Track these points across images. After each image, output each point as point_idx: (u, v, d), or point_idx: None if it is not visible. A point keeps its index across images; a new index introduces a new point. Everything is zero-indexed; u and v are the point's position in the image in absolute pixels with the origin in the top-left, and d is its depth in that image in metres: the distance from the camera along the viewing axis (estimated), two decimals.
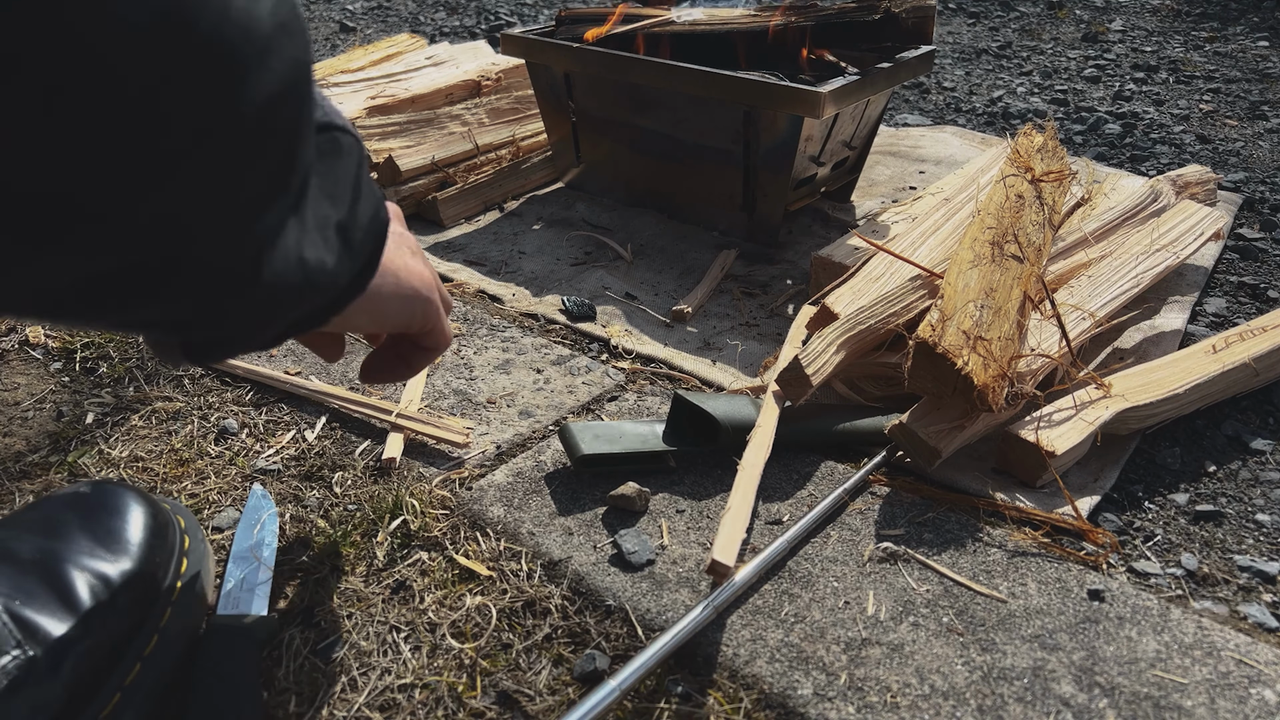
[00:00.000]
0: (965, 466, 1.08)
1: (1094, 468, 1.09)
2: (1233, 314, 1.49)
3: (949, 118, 2.54)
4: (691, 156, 1.68)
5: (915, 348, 1.02)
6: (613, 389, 1.23)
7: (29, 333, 1.33)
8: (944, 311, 1.06)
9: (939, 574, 0.91)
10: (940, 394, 1.03)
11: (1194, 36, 3.47)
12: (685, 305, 1.44)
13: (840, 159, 1.76)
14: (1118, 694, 0.78)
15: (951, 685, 0.79)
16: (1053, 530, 0.99)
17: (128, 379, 1.23)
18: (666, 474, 1.05)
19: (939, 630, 0.85)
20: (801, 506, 1.00)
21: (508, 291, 1.52)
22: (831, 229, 1.75)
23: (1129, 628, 0.85)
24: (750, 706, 0.77)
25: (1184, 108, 2.62)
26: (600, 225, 1.77)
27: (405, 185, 1.75)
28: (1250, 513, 1.06)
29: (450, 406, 1.18)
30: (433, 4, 3.94)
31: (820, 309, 1.25)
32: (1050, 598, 0.88)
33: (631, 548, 0.93)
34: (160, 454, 1.09)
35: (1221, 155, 2.23)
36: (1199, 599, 0.93)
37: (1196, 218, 1.48)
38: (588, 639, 0.84)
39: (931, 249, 1.37)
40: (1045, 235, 1.27)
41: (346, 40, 3.27)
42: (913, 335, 1.04)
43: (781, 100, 1.46)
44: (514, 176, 1.89)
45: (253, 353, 0.73)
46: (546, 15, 3.80)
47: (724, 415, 1.05)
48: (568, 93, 1.78)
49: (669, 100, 1.64)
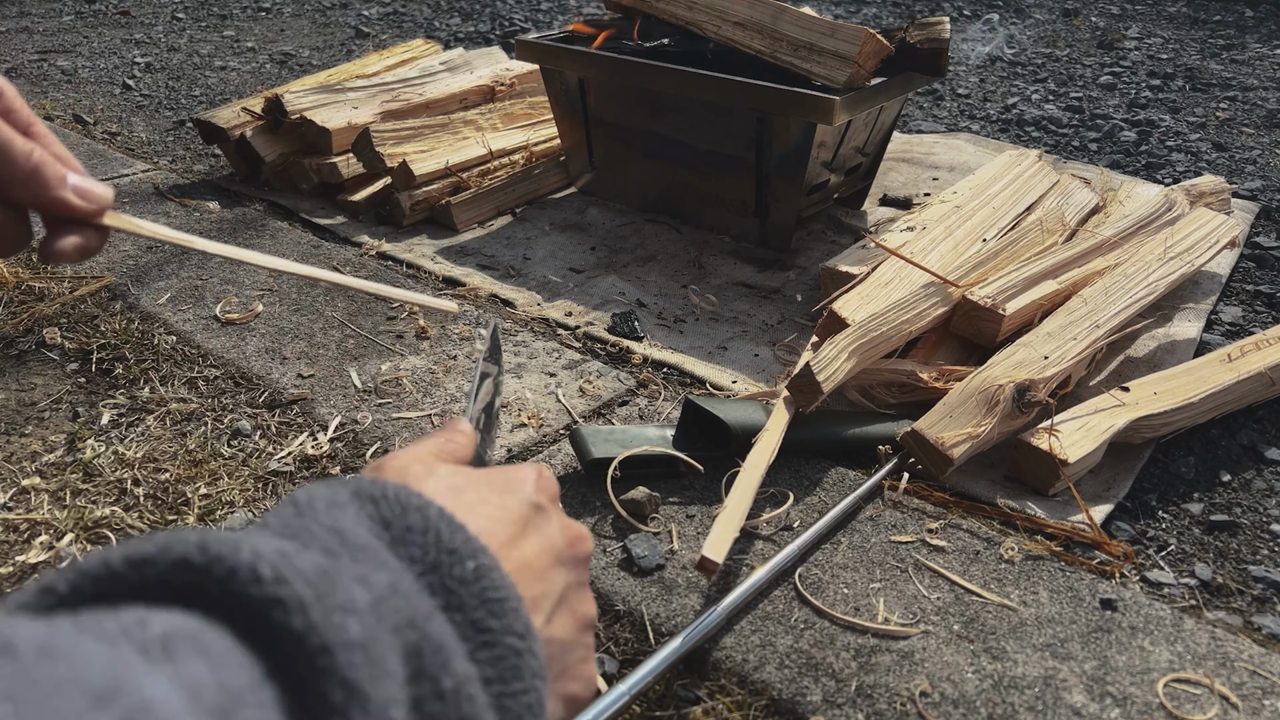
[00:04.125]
0: (977, 474, 1.08)
1: (1106, 476, 1.09)
2: (1249, 323, 1.48)
3: (963, 125, 2.54)
4: (704, 162, 1.68)
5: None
6: (624, 393, 1.23)
7: (46, 334, 1.34)
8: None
9: (950, 581, 0.91)
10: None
11: (1211, 44, 3.45)
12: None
13: (853, 165, 1.76)
14: (1130, 704, 0.78)
15: (962, 693, 0.78)
16: (1065, 539, 0.98)
17: (143, 380, 1.24)
18: (677, 478, 1.05)
19: (949, 638, 0.84)
20: (812, 513, 1.00)
21: (520, 296, 1.52)
22: (844, 235, 1.75)
23: (1141, 638, 0.85)
24: (759, 713, 0.77)
25: (1200, 115, 2.60)
26: (612, 230, 1.77)
27: (419, 189, 1.76)
28: (1265, 523, 1.05)
29: (463, 409, 1.18)
30: (448, 9, 3.96)
31: (829, 314, 1.25)
32: (1062, 606, 0.88)
33: (641, 552, 0.93)
34: (174, 455, 1.09)
35: (1238, 163, 2.22)
36: (1212, 609, 0.92)
37: (1211, 225, 1.47)
38: (597, 643, 0.84)
39: (943, 255, 1.37)
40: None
41: (362, 45, 3.29)
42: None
43: (795, 106, 1.46)
44: (527, 181, 1.89)
45: None
46: (561, 22, 3.82)
47: (735, 420, 1.05)
48: (581, 98, 1.78)
49: (682, 106, 1.64)
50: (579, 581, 0.44)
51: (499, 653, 0.33)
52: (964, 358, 1.25)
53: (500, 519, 0.40)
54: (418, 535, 0.34)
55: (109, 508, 1.01)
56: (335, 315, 1.41)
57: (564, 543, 0.43)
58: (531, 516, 0.42)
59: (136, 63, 2.97)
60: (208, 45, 3.26)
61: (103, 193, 0.51)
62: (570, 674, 0.41)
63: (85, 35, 3.35)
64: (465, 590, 0.33)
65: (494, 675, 0.33)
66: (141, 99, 2.60)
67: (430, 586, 0.33)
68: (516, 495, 0.42)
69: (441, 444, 0.45)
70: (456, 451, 0.46)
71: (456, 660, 0.31)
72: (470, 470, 0.43)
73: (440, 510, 0.35)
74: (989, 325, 1.21)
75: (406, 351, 1.32)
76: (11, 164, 0.47)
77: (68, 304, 1.43)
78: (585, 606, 0.43)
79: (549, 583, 0.41)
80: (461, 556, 0.34)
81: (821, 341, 1.21)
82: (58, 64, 2.93)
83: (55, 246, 0.50)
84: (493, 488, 0.42)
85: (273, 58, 3.11)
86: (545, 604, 0.40)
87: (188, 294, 1.47)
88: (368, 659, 0.27)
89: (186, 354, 1.30)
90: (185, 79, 2.82)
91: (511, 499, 0.42)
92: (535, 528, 0.42)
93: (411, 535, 0.34)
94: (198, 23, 3.62)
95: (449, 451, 0.45)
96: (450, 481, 0.41)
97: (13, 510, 1.01)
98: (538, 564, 0.40)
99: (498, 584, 0.34)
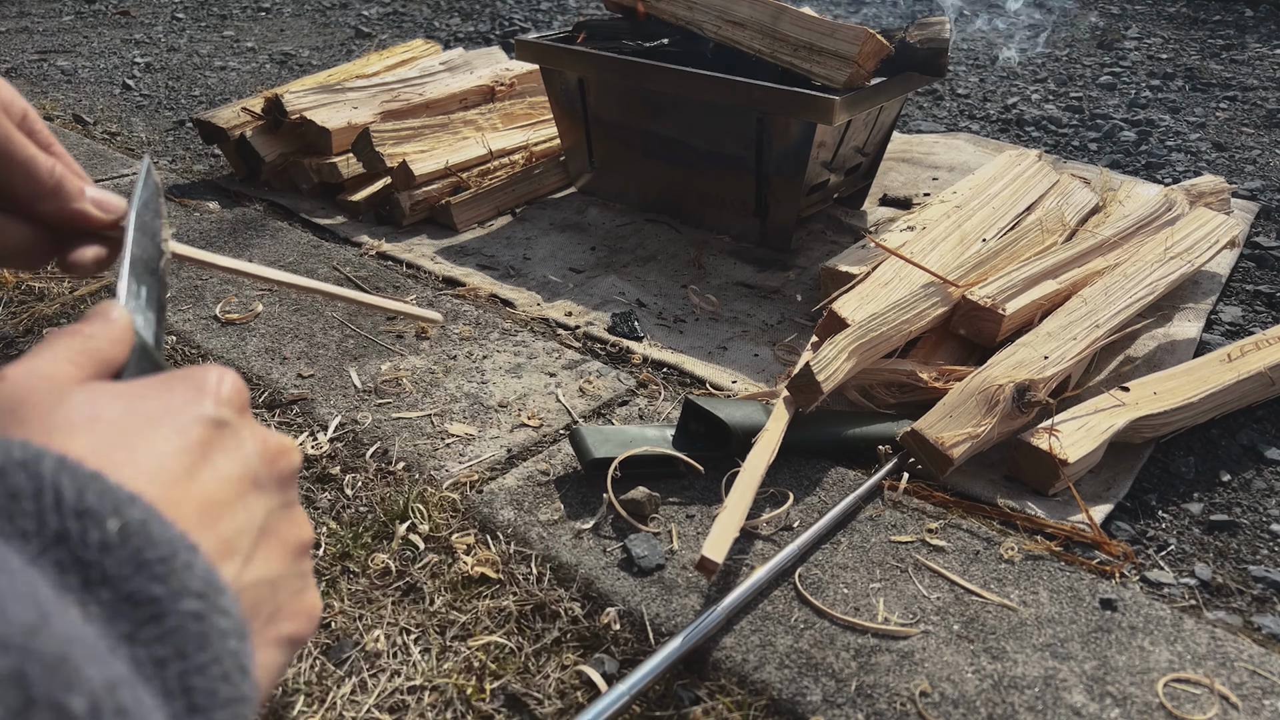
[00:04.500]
0: (977, 474, 1.08)
1: (1106, 476, 1.09)
2: (1249, 322, 1.48)
3: (963, 124, 2.54)
4: (704, 162, 1.68)
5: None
6: (623, 393, 1.24)
7: (46, 334, 1.34)
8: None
9: (950, 581, 0.91)
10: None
11: (1210, 44, 3.45)
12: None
13: (853, 165, 1.76)
14: (1130, 704, 0.78)
15: (962, 693, 0.78)
16: (1065, 539, 0.98)
17: None
18: (676, 478, 1.05)
19: (949, 638, 0.84)
20: (812, 513, 1.00)
21: (520, 296, 1.52)
22: (844, 234, 1.75)
23: (1141, 637, 0.85)
24: (759, 713, 0.77)
25: (1200, 115, 2.60)
26: (612, 230, 1.77)
27: (419, 189, 1.76)
28: (1265, 523, 1.05)
29: (462, 410, 1.18)
30: (448, 9, 3.96)
31: (828, 314, 1.25)
32: (1062, 606, 0.88)
33: (641, 552, 0.93)
34: None
35: (1238, 163, 2.22)
36: (1212, 609, 0.92)
37: (1211, 225, 1.47)
38: (597, 643, 0.84)
39: (943, 254, 1.37)
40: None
41: (362, 45, 3.29)
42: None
43: (795, 106, 1.46)
44: (527, 181, 1.89)
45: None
46: (560, 22, 3.82)
47: (735, 420, 1.05)
48: (581, 98, 1.78)
49: (682, 106, 1.64)
50: (284, 503, 0.37)
51: (172, 624, 0.27)
52: (964, 358, 1.25)
53: (167, 450, 0.31)
54: (27, 501, 0.26)
55: None
56: (335, 315, 1.41)
57: (261, 461, 0.35)
58: (212, 437, 0.33)
59: (136, 63, 2.97)
60: (207, 45, 3.26)
61: (118, 203, 0.52)
62: (284, 612, 0.35)
63: (85, 35, 3.35)
64: (110, 559, 0.26)
65: (170, 653, 0.26)
66: (141, 99, 2.60)
67: (59, 565, 0.25)
68: (190, 411, 0.33)
69: (78, 347, 0.35)
70: (102, 353, 0.36)
71: (91, 667, 0.23)
72: (121, 386, 0.34)
73: (59, 460, 0.27)
74: (989, 325, 1.21)
75: (406, 351, 1.32)
76: (37, 180, 0.47)
77: (68, 304, 1.43)
78: (296, 531, 0.36)
79: (244, 514, 0.33)
80: (99, 517, 0.26)
81: (821, 341, 1.21)
82: (58, 64, 2.93)
83: (74, 258, 0.51)
84: (155, 407, 0.33)
85: (273, 58, 3.11)
86: (242, 541, 0.33)
87: (188, 294, 1.47)
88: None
89: (186, 354, 1.30)
90: (185, 79, 2.82)
91: (184, 417, 0.33)
92: (219, 449, 0.33)
93: (19, 503, 0.26)
94: (197, 23, 3.62)
95: (90, 357, 0.35)
96: (89, 410, 0.31)
97: None
98: (225, 494, 0.33)
99: (155, 539, 0.27)
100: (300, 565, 0.36)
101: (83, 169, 0.52)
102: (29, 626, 0.22)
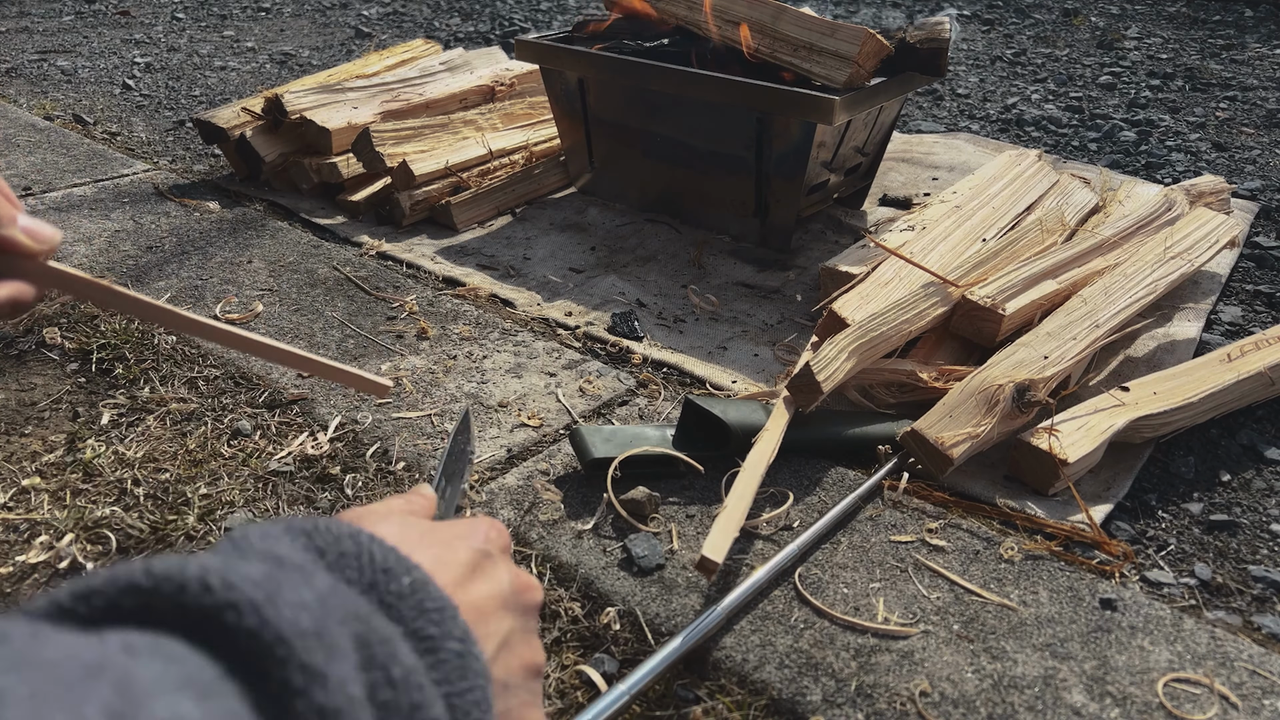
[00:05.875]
0: (977, 474, 1.08)
1: (1106, 476, 1.09)
2: (1248, 322, 1.48)
3: (963, 124, 2.54)
4: (704, 162, 1.68)
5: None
6: (623, 393, 1.24)
7: (45, 334, 1.34)
8: None
9: (950, 581, 0.91)
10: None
11: (1210, 44, 3.45)
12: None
13: (853, 165, 1.76)
14: (1129, 704, 0.78)
15: (961, 693, 0.78)
16: (1065, 539, 0.98)
17: (143, 380, 1.24)
18: (676, 478, 1.05)
19: (949, 638, 0.84)
20: (812, 513, 1.00)
21: (520, 296, 1.52)
22: (844, 234, 1.75)
23: (1141, 637, 0.85)
24: (759, 713, 0.77)
25: (1200, 115, 2.60)
26: (612, 230, 1.77)
27: (419, 189, 1.76)
28: (1265, 523, 1.05)
29: (462, 410, 1.18)
30: (448, 9, 3.96)
31: (828, 314, 1.25)
32: (1062, 606, 0.88)
33: (641, 552, 0.93)
34: (174, 455, 1.09)
35: (1238, 163, 2.22)
36: (1212, 609, 0.92)
37: (1211, 225, 1.47)
38: (597, 643, 0.84)
39: (942, 254, 1.37)
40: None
41: (362, 45, 3.29)
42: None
43: (795, 106, 1.46)
44: (527, 181, 1.89)
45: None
46: (560, 22, 3.82)
47: (735, 420, 1.05)
48: (581, 98, 1.78)
49: (682, 106, 1.64)
50: (525, 629, 0.44)
51: (442, 656, 0.34)
52: (964, 358, 1.25)
53: (447, 561, 0.41)
54: (351, 559, 0.35)
55: (109, 508, 1.01)
56: (335, 315, 1.41)
57: (512, 590, 0.44)
58: (479, 562, 0.43)
59: (136, 63, 2.97)
60: (207, 45, 3.26)
61: (51, 234, 0.50)
62: (512, 717, 0.42)
63: (85, 35, 3.35)
64: (403, 604, 0.35)
65: (440, 677, 0.34)
66: (141, 99, 2.60)
67: (369, 601, 0.34)
68: (466, 541, 0.43)
69: (403, 502, 0.48)
70: (416, 509, 0.48)
71: (403, 652, 0.32)
72: (423, 520, 0.45)
73: (371, 535, 0.37)
74: (989, 325, 1.21)
75: (406, 351, 1.32)
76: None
77: (68, 304, 1.43)
78: (531, 654, 0.43)
79: (494, 625, 0.41)
80: (396, 574, 0.36)
81: (821, 341, 1.21)
82: (58, 64, 2.93)
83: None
84: (445, 534, 0.43)
85: (272, 58, 3.11)
86: (489, 645, 0.40)
87: (188, 294, 1.47)
88: (321, 644, 0.28)
89: (186, 354, 1.30)
90: (185, 79, 2.82)
91: (461, 544, 0.43)
92: (483, 572, 0.43)
93: (345, 559, 0.35)
94: (198, 23, 3.62)
95: (410, 505, 0.48)
96: (401, 524, 0.42)
97: (13, 510, 1.01)
98: (483, 606, 0.41)
99: (434, 595, 0.36)
100: (531, 683, 0.43)
101: (19, 201, 0.48)
102: (368, 612, 0.32)
